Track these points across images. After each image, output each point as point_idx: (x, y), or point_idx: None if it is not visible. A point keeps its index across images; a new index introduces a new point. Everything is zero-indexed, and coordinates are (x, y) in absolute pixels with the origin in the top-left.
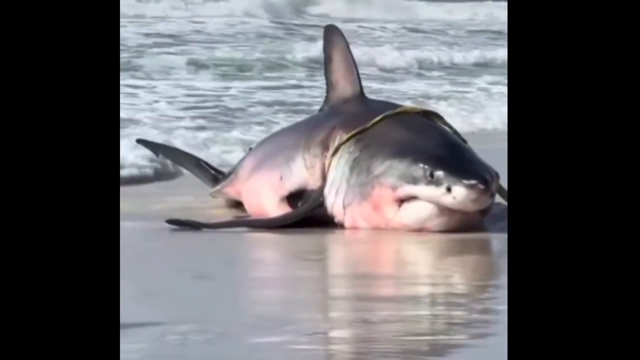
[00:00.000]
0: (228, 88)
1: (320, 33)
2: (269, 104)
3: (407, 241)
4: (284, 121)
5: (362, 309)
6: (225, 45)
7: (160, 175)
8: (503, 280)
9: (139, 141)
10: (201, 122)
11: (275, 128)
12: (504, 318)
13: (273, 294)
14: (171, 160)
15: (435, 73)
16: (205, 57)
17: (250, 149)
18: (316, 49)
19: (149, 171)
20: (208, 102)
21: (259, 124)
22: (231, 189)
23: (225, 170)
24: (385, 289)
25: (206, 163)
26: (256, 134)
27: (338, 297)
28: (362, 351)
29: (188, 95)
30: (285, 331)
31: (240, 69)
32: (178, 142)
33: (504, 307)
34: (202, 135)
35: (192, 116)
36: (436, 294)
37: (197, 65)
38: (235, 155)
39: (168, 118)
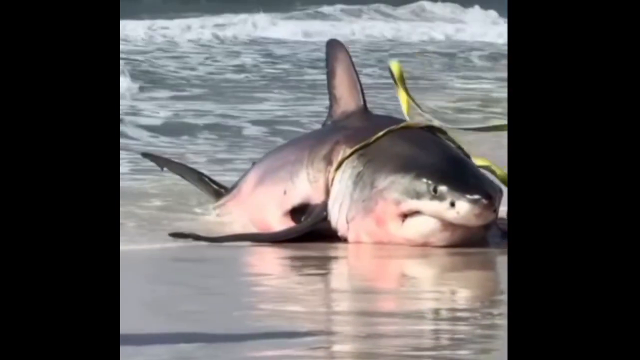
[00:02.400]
0: None
1: None
2: None
3: (410, 256)
4: None
5: (366, 324)
6: None
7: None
8: (506, 294)
9: (144, 155)
10: None
11: None
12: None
13: (276, 308)
14: (175, 173)
15: None
16: None
17: (253, 163)
18: None
19: None
20: None
21: None
22: (235, 204)
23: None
24: (388, 304)
25: (209, 178)
26: None
27: (341, 311)
28: None
29: None
30: (288, 345)
31: None
32: None
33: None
34: None
35: None
36: (440, 309)
37: None
38: None
39: None
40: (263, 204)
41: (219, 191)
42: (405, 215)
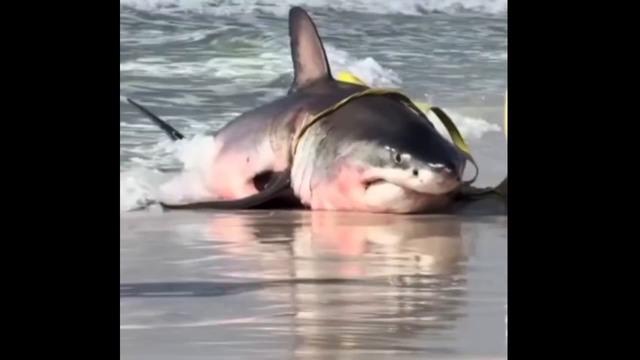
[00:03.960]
0: None
1: None
2: None
3: (374, 223)
4: None
5: (330, 291)
6: None
7: None
8: (470, 262)
9: (130, 101)
10: None
11: None
12: (471, 299)
13: (240, 276)
14: (155, 124)
15: None
16: None
17: (217, 131)
18: None
19: None
20: None
21: None
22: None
23: None
24: (352, 271)
25: (177, 133)
26: None
27: (305, 279)
28: (329, 333)
29: None
30: (252, 313)
31: None
32: None
33: (471, 289)
34: None
35: None
36: (404, 275)
37: None
38: None
39: None
40: (226, 171)
41: None
42: (368, 183)
